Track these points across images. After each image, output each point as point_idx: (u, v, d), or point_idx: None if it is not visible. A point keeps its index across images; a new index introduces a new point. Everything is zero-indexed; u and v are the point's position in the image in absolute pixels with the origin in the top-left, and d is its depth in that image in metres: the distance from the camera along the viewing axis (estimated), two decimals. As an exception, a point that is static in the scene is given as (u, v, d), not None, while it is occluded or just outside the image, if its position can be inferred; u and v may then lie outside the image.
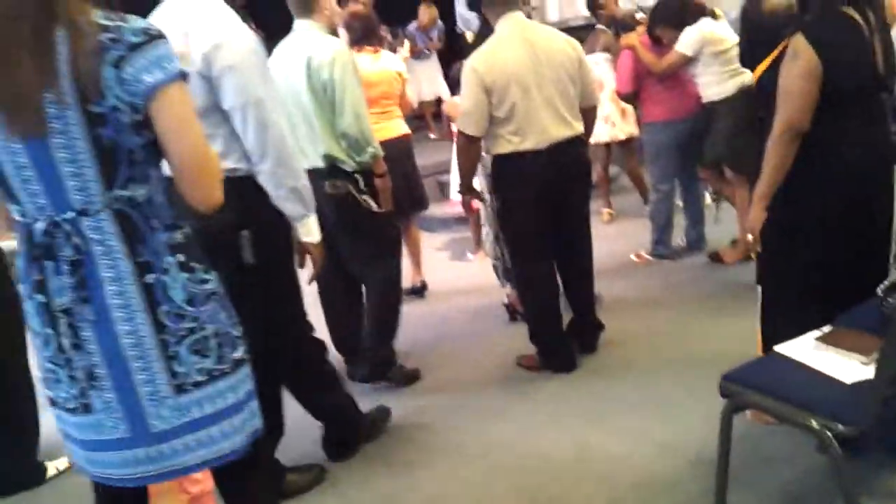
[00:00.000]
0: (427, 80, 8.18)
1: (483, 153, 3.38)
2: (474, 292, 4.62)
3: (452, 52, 8.06)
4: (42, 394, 1.61)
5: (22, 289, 1.52)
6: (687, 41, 4.23)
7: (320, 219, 2.51)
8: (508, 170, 3.22)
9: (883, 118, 2.51)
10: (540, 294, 3.39)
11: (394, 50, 6.24)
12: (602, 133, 5.21)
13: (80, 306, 1.44)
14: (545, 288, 3.39)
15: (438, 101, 8.38)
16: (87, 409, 1.51)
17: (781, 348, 2.20)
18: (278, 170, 2.28)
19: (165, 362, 1.48)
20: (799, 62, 2.31)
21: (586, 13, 7.83)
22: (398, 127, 4.47)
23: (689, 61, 4.25)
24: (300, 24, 3.13)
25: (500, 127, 3.16)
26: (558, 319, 3.43)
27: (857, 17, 2.36)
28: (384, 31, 7.74)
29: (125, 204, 1.44)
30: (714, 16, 4.28)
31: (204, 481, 2.14)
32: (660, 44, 4.44)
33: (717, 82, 4.20)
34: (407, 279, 4.66)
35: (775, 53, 2.43)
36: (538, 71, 3.13)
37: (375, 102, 4.35)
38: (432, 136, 8.31)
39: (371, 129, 3.18)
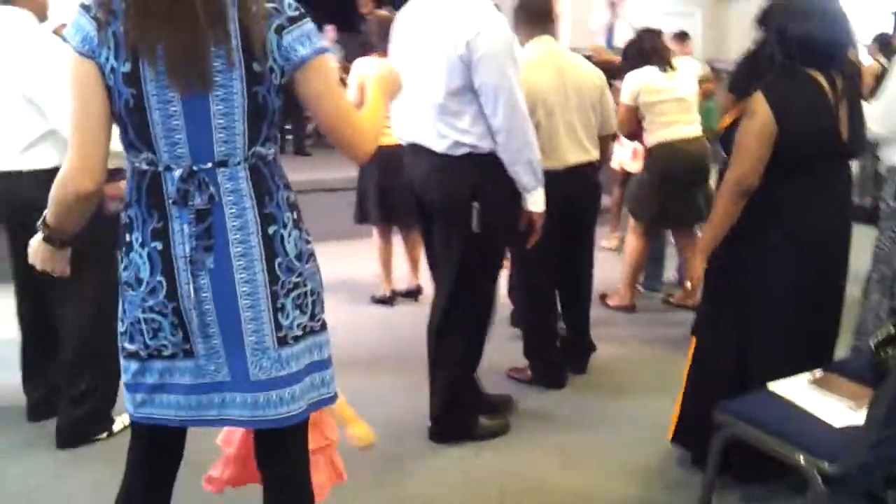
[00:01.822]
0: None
1: None
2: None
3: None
4: (124, 349, 1.62)
5: (133, 238, 1.55)
6: (625, 89, 4.27)
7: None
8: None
9: (845, 187, 2.55)
10: (540, 310, 3.50)
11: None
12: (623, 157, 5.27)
13: (201, 254, 1.51)
14: (545, 304, 3.50)
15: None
16: (188, 353, 1.56)
17: (774, 386, 2.31)
18: (522, 146, 2.65)
19: (273, 313, 1.56)
20: (754, 120, 2.34)
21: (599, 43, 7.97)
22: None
23: (636, 110, 4.25)
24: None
25: None
26: (554, 336, 3.54)
27: (822, 80, 2.37)
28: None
29: (259, 159, 1.54)
30: (667, 65, 4.26)
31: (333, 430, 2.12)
32: None
33: (648, 131, 4.28)
34: (403, 281, 4.78)
35: (738, 109, 2.45)
36: (564, 95, 3.25)
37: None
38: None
39: None
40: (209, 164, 1.50)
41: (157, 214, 1.53)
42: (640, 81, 4.22)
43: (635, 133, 4.44)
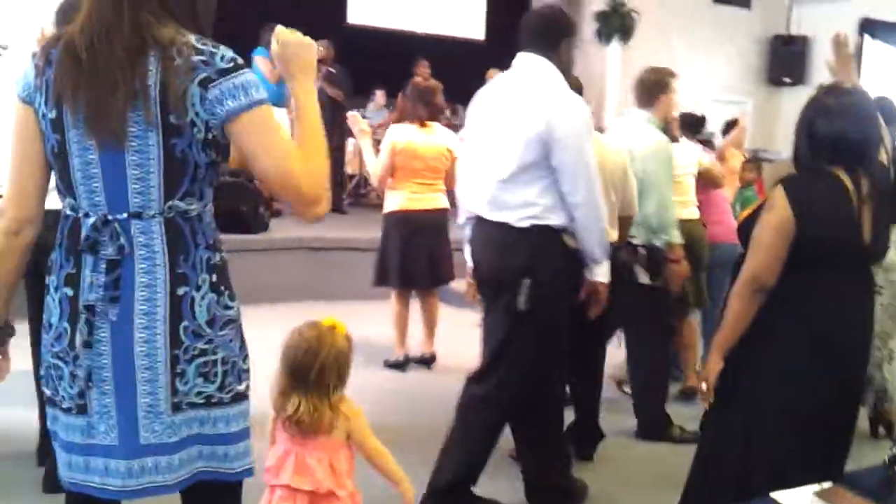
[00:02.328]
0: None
1: None
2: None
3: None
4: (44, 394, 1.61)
5: (49, 281, 1.56)
6: None
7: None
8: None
9: (865, 290, 2.44)
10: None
11: (452, 126, 6.38)
12: None
13: (106, 305, 1.47)
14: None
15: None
16: (82, 410, 1.52)
17: (777, 495, 2.17)
18: (598, 220, 2.73)
19: (171, 377, 1.49)
20: (772, 214, 2.28)
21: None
22: (437, 200, 4.59)
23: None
24: (638, 113, 3.63)
25: None
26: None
27: (847, 181, 2.29)
28: (445, 104, 7.94)
29: (178, 215, 1.50)
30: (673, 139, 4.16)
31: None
32: None
33: None
34: (417, 347, 4.71)
35: (758, 204, 2.40)
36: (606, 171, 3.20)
37: (418, 174, 4.47)
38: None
39: (673, 218, 3.51)
40: (124, 215, 1.47)
41: (73, 260, 1.52)
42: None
43: None
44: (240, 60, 1.49)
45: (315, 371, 1.98)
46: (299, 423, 1.99)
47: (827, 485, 2.20)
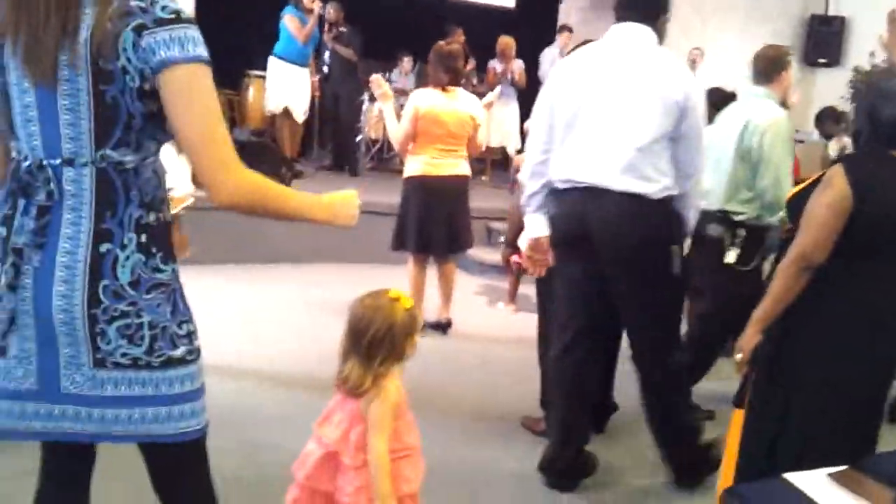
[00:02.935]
0: (499, 127, 8.20)
1: None
2: (496, 342, 4.61)
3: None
4: None
5: None
6: None
7: None
8: None
9: None
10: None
11: (477, 92, 6.30)
12: None
13: (32, 250, 1.44)
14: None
15: (500, 149, 8.44)
16: (1, 352, 1.48)
17: (791, 476, 2.14)
18: (698, 190, 2.86)
19: (90, 336, 1.45)
20: (829, 191, 2.23)
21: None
22: (458, 166, 4.54)
23: None
24: (755, 90, 3.58)
25: None
26: None
27: None
28: (470, 66, 7.82)
29: (111, 166, 1.44)
30: None
31: (414, 481, 2.07)
32: None
33: None
34: (432, 313, 4.69)
35: (810, 181, 2.37)
36: None
37: (441, 139, 4.42)
38: (484, 178, 8.37)
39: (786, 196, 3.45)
40: (57, 161, 1.43)
41: (10, 202, 1.49)
42: None
43: None
44: (185, 14, 1.43)
45: (367, 340, 1.98)
46: (345, 383, 2.02)
47: (842, 468, 2.16)
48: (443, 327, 4.70)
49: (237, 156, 1.47)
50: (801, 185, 2.43)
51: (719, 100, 5.46)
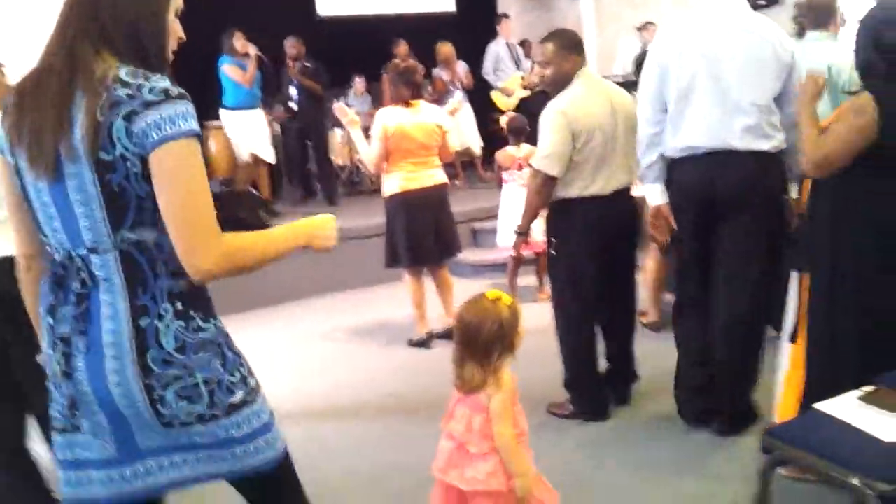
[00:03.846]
0: (458, 130, 8.24)
1: None
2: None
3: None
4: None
5: (40, 310, 1.61)
6: None
7: None
8: (571, 214, 3.28)
9: None
10: (582, 339, 3.40)
11: (437, 101, 6.36)
12: None
13: (77, 337, 1.51)
14: (587, 333, 3.41)
15: (467, 151, 8.49)
16: (76, 429, 1.57)
17: (823, 405, 2.19)
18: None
19: (149, 404, 1.51)
20: (861, 120, 2.35)
21: (626, 70, 8.01)
22: (435, 176, 4.60)
23: None
24: (817, 35, 3.69)
25: (573, 171, 3.24)
26: (596, 366, 3.46)
27: None
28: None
29: (133, 246, 1.50)
30: None
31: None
32: None
33: None
34: (437, 321, 4.72)
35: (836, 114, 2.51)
36: (616, 120, 3.27)
37: (413, 153, 4.47)
38: (458, 182, 8.43)
39: None
40: (83, 251, 1.50)
41: (53, 292, 1.57)
42: None
43: None
44: (174, 91, 1.46)
45: (482, 341, 2.14)
46: (466, 384, 2.18)
47: (869, 388, 2.22)
48: (450, 335, 4.68)
49: (216, 236, 1.48)
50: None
51: None
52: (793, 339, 2.70)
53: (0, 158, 1.56)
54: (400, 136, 4.42)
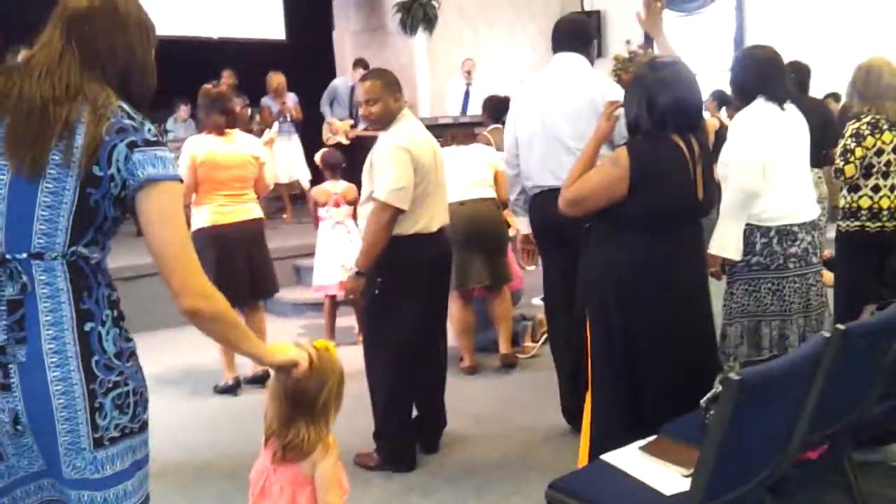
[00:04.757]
0: (286, 163, 8.06)
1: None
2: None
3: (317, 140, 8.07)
4: None
5: None
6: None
7: None
8: (400, 251, 3.16)
9: (699, 243, 2.71)
10: (400, 385, 3.28)
11: (250, 130, 6.15)
12: None
13: (13, 347, 1.48)
14: (405, 379, 3.29)
15: (295, 183, 8.30)
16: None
17: (607, 457, 2.20)
18: None
19: (90, 413, 1.51)
20: (614, 171, 2.49)
21: (454, 112, 8.16)
22: (250, 210, 4.39)
23: None
24: None
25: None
26: (409, 414, 3.37)
27: (682, 144, 2.49)
28: (239, 105, 7.64)
29: (80, 258, 1.53)
30: None
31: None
32: None
33: None
34: (247, 367, 4.44)
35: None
36: (437, 161, 3.32)
37: (226, 185, 4.25)
38: (285, 216, 8.20)
39: None
40: (23, 255, 1.49)
41: None
42: None
43: None
44: (161, 139, 1.59)
45: (322, 400, 1.91)
46: (291, 449, 1.91)
47: (651, 438, 2.26)
48: (261, 380, 4.42)
49: (204, 281, 1.58)
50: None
51: (497, 105, 5.70)
52: (584, 385, 2.72)
53: None
54: (210, 166, 4.18)
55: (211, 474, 3.34)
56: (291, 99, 8.21)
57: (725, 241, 2.95)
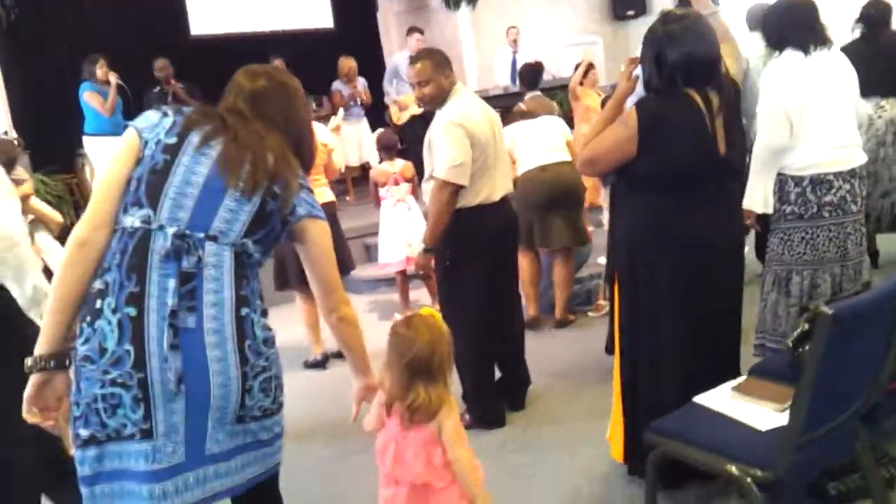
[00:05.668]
0: (354, 146, 8.19)
1: None
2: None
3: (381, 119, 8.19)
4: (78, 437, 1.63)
5: (104, 304, 1.59)
6: None
7: None
8: (466, 223, 3.29)
9: (730, 201, 2.62)
10: (481, 348, 3.42)
11: (320, 118, 6.31)
12: None
13: (184, 313, 1.59)
14: (487, 342, 3.43)
15: (362, 166, 8.46)
16: (146, 434, 1.58)
17: (700, 399, 2.30)
18: None
19: (240, 393, 1.64)
20: (623, 132, 2.46)
21: (504, 83, 8.15)
22: (322, 195, 4.52)
23: None
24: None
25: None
26: (493, 374, 3.51)
27: (697, 98, 2.43)
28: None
29: (245, 251, 1.71)
30: None
31: None
32: None
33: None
34: (332, 342, 4.63)
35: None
36: (496, 132, 3.38)
37: (298, 172, 4.40)
38: (348, 198, 8.38)
39: None
40: (201, 234, 1.65)
41: (135, 278, 1.59)
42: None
43: None
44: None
45: (436, 362, 2.02)
46: (416, 411, 2.00)
47: (741, 379, 2.35)
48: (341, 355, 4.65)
49: (347, 303, 1.93)
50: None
51: (532, 73, 5.76)
52: (609, 350, 2.78)
53: (134, 139, 1.70)
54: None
55: (310, 444, 3.55)
56: (361, 83, 8.31)
57: (754, 196, 2.98)
